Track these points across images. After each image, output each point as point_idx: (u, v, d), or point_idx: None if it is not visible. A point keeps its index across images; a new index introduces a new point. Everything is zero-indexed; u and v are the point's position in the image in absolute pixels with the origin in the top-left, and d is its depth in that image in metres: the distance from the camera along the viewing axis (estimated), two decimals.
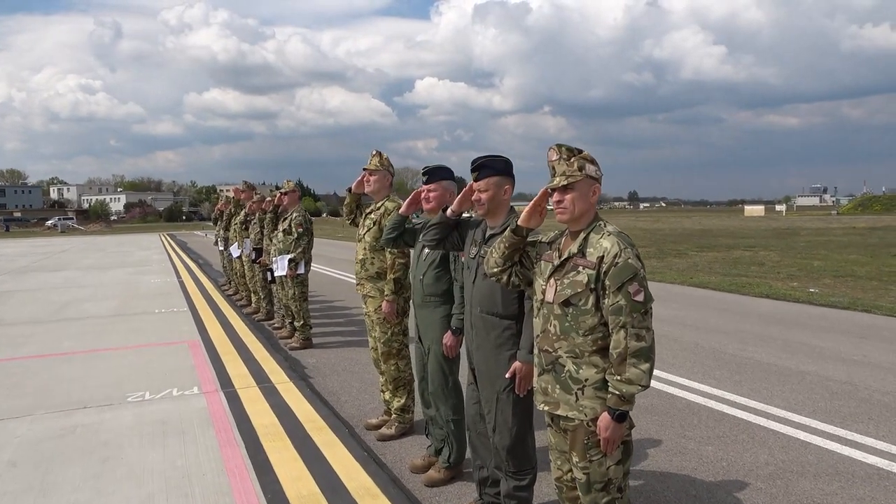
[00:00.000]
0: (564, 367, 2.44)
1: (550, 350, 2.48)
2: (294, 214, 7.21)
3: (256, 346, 7.42)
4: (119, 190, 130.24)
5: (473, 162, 3.10)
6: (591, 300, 2.37)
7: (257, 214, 8.84)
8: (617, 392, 2.31)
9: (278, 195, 7.42)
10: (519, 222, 2.65)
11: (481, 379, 3.16)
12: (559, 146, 2.50)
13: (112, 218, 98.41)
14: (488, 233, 3.13)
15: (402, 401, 4.55)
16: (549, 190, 2.52)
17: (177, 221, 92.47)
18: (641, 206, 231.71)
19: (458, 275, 3.62)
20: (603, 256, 2.36)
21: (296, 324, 7.35)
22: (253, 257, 8.94)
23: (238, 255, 10.10)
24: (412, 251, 4.23)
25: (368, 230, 4.51)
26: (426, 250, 3.77)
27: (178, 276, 15.58)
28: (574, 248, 2.45)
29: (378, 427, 4.66)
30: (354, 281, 4.84)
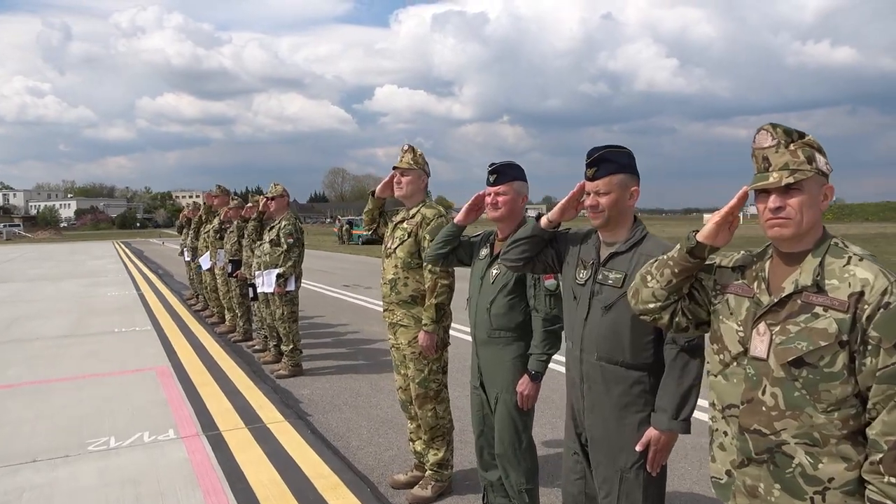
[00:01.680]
0: (793, 458, 1.62)
1: (766, 431, 1.66)
2: (283, 223, 6.27)
3: (237, 373, 6.45)
4: (69, 196, 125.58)
5: (590, 154, 2.29)
6: (842, 360, 1.56)
7: (235, 222, 7.86)
8: (883, 501, 1.50)
9: (264, 200, 6.47)
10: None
11: (595, 449, 2.33)
12: (774, 126, 1.69)
13: (62, 225, 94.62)
14: (607, 251, 2.32)
15: (440, 454, 3.69)
16: (749, 191, 1.71)
17: (131, 229, 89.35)
18: None
19: (541, 303, 2.79)
20: (862, 293, 1.55)
21: (283, 348, 6.41)
22: (229, 270, 7.95)
23: (208, 266, 9.07)
24: (455, 269, 3.42)
25: (401, 243, 3.64)
26: (494, 271, 2.93)
27: (137, 288, 14.36)
28: (804, 278, 1.64)
29: (409, 485, 3.78)
30: (381, 307, 3.95)
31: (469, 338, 3.31)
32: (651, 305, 1.90)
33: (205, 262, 9.12)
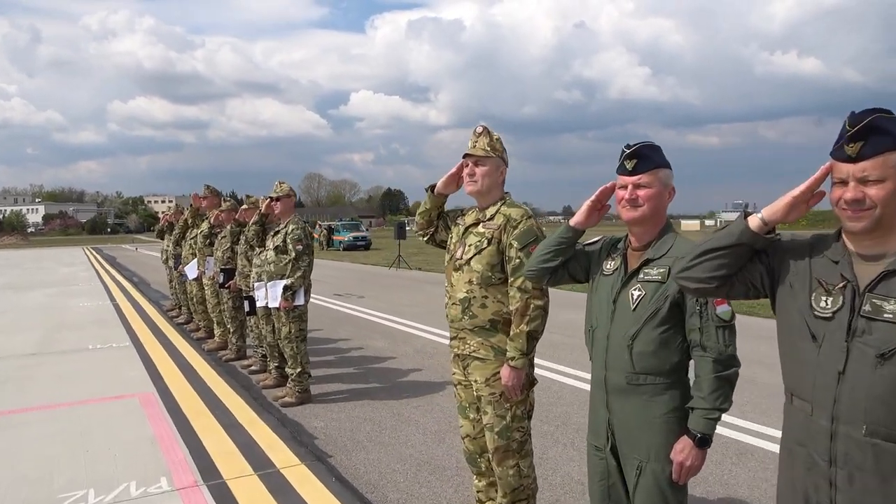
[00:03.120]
0: None
1: None
2: (290, 227, 5.43)
3: (235, 401, 5.59)
4: (37, 200, 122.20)
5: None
6: None
7: (229, 226, 6.99)
8: None
9: (268, 201, 5.62)
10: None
11: None
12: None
13: (29, 230, 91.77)
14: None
15: None
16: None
17: (101, 234, 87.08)
18: None
19: (710, 339, 2.02)
20: None
21: (289, 371, 5.56)
22: (220, 280, 7.07)
23: (195, 276, 8.17)
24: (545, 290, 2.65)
25: (478, 252, 2.84)
26: (634, 293, 2.15)
27: (112, 299, 13.33)
28: None
29: None
30: (448, 335, 3.13)
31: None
32: None
33: (191, 270, 8.21)
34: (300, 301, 5.40)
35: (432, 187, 3.05)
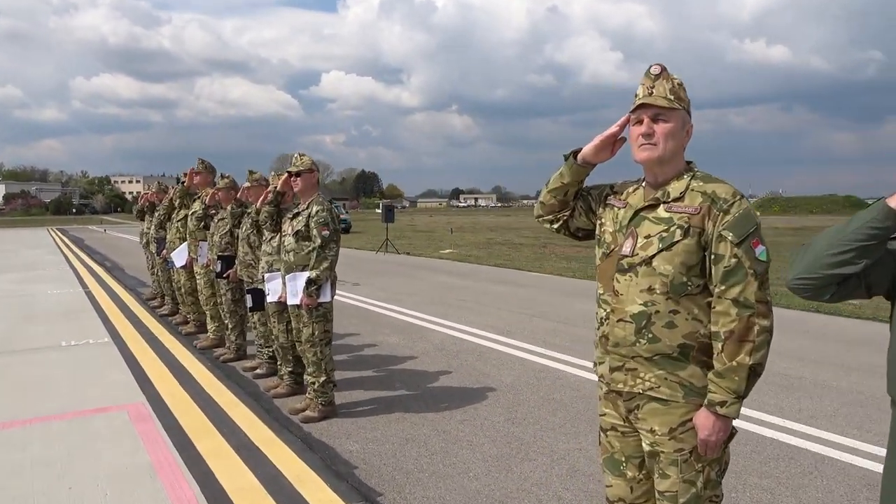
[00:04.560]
0: None
1: None
2: (314, 209, 4.51)
3: (244, 414, 4.70)
4: None
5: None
6: None
7: (228, 207, 6.03)
8: None
9: (285, 177, 4.70)
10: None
11: None
12: None
13: None
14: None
15: None
16: None
17: (66, 215, 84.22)
18: None
19: None
20: None
21: (311, 379, 4.66)
22: (217, 270, 6.13)
23: (184, 263, 7.20)
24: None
25: (666, 248, 1.95)
26: None
27: (84, 286, 12.21)
28: None
29: None
30: (594, 359, 2.23)
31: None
32: None
33: (179, 257, 7.23)
34: (326, 297, 4.50)
35: (575, 153, 2.17)
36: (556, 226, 2.28)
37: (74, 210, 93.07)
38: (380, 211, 28.12)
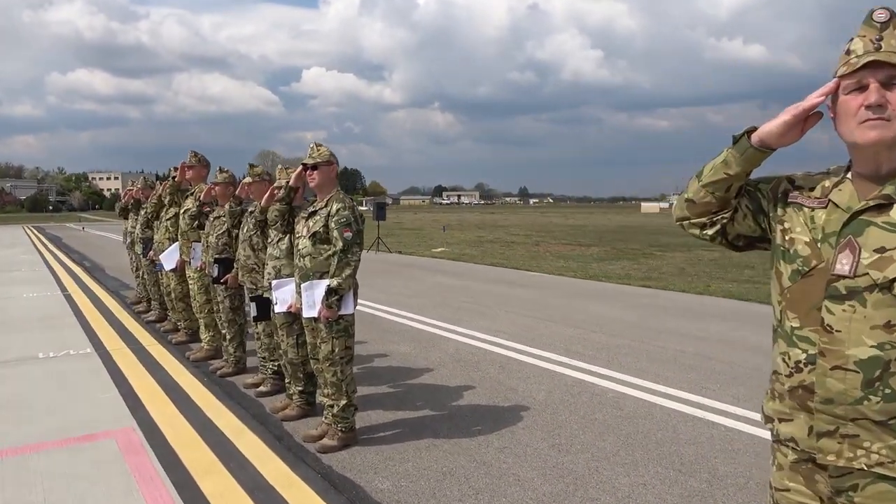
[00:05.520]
0: None
1: None
2: (334, 207, 3.90)
3: (252, 443, 4.09)
4: None
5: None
6: None
7: (227, 206, 5.41)
8: None
9: (297, 171, 4.09)
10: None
11: None
12: None
13: None
14: None
15: None
16: None
17: (43, 212, 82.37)
18: (531, 202, 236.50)
19: None
20: None
21: (328, 402, 4.06)
22: (214, 274, 5.51)
23: (174, 266, 6.56)
24: None
25: None
26: None
27: (62, 288, 11.47)
28: None
29: None
30: (767, 409, 1.59)
31: None
32: None
33: (168, 259, 6.58)
34: (348, 309, 3.91)
35: (748, 133, 1.60)
36: (709, 232, 1.71)
37: (51, 207, 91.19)
38: (364, 208, 27.37)
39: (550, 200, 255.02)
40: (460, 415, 4.72)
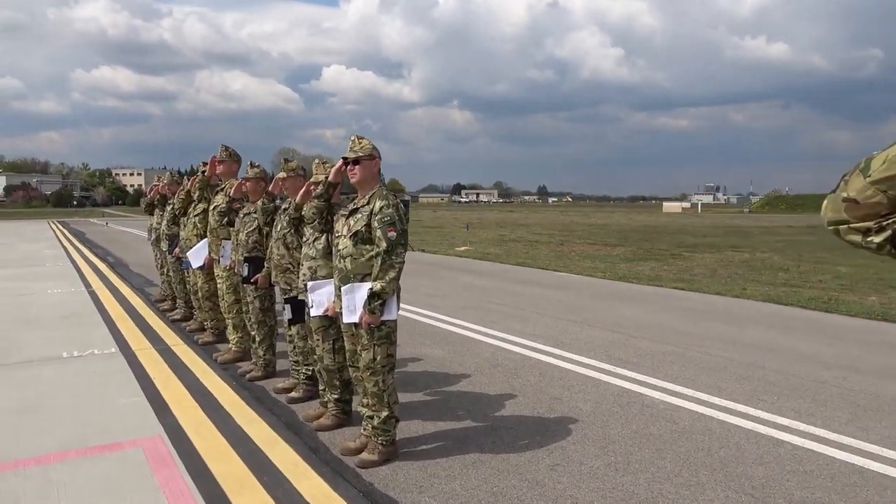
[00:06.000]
0: None
1: None
2: (377, 204, 3.62)
3: (286, 456, 3.83)
4: None
5: None
6: None
7: (259, 202, 5.15)
8: None
9: (336, 166, 3.82)
10: None
11: None
12: None
13: None
14: None
15: None
16: None
17: (67, 207, 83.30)
18: (550, 200, 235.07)
19: None
20: None
21: (367, 412, 3.80)
22: (244, 273, 5.26)
23: (200, 264, 6.33)
24: None
25: None
26: None
27: (87, 284, 11.34)
28: None
29: None
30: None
31: None
32: None
33: (196, 256, 6.36)
34: (391, 315, 3.63)
35: None
36: (876, 239, 1.40)
37: (75, 202, 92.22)
38: None
39: (569, 199, 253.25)
40: (504, 427, 4.43)
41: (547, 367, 5.95)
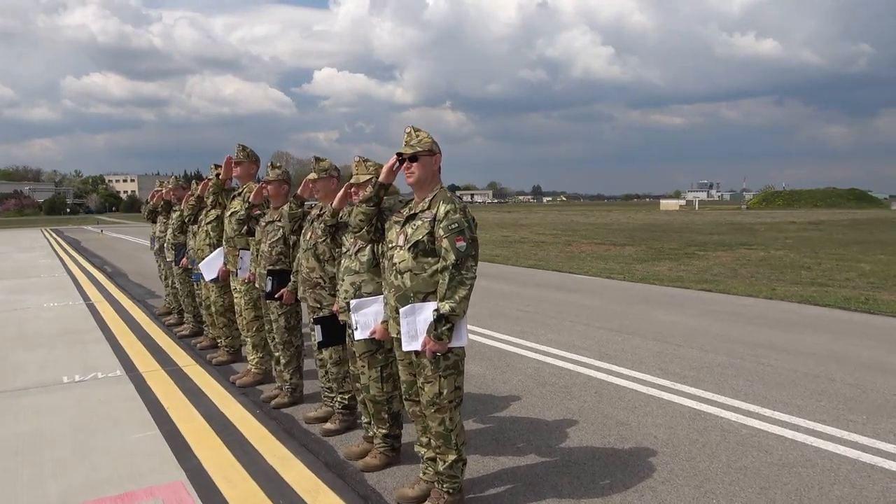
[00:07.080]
0: None
1: None
2: (442, 209, 3.03)
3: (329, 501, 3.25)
4: None
5: None
6: None
7: (284, 208, 4.54)
8: None
9: (388, 164, 3.24)
10: None
11: None
12: None
13: None
14: None
15: None
16: None
17: (60, 214, 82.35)
18: (544, 200, 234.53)
19: None
20: None
21: (433, 455, 3.22)
22: (267, 289, 4.67)
23: (214, 276, 5.73)
24: None
25: None
26: None
27: (85, 297, 10.70)
28: None
29: None
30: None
31: None
32: None
33: (209, 268, 5.76)
34: (461, 341, 3.05)
35: None
36: None
37: (69, 210, 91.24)
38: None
39: (564, 199, 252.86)
40: (576, 462, 3.85)
41: (601, 385, 5.38)
